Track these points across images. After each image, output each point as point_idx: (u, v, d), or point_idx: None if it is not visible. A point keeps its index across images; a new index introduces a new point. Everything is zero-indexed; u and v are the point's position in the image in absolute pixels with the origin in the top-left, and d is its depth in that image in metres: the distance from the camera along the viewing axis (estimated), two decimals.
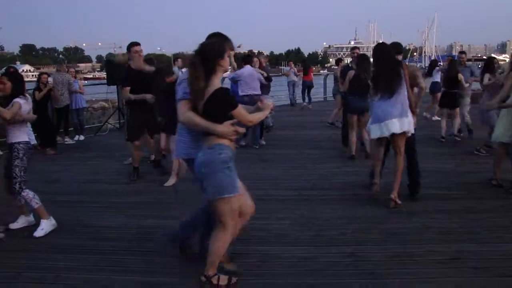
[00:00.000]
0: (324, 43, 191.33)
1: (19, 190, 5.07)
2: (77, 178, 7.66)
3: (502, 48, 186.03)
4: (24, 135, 5.15)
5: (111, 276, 4.05)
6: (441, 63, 15.98)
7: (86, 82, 16.74)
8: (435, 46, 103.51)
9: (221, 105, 3.45)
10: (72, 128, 12.00)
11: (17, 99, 5.03)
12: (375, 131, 5.85)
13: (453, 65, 10.41)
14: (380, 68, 5.86)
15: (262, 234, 4.91)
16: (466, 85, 10.34)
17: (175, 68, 14.08)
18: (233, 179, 3.51)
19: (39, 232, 5.06)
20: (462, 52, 12.39)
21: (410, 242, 4.63)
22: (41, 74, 10.91)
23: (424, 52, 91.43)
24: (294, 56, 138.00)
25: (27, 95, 5.30)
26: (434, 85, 13.95)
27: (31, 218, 5.36)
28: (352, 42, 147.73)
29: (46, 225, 5.15)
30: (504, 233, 4.84)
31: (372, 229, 5.04)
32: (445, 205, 5.79)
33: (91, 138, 12.15)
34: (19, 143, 5.09)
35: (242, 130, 3.54)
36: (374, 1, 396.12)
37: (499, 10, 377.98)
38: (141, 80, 6.90)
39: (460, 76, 10.09)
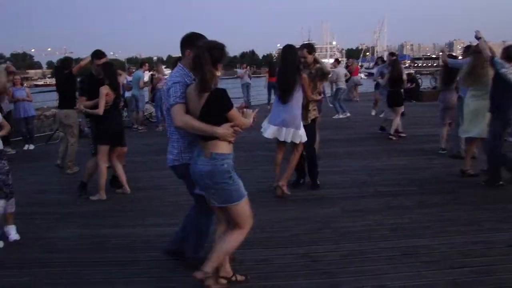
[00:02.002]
0: (278, 45, 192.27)
1: None
2: (28, 189, 7.44)
3: (450, 47, 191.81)
4: None
5: None
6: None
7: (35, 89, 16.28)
8: (387, 46, 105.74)
9: (220, 105, 3.42)
10: (20, 137, 11.64)
11: None
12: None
13: (396, 65, 10.67)
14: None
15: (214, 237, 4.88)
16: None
17: (139, 72, 13.93)
18: (238, 186, 3.55)
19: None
20: (392, 54, 12.85)
21: (362, 240, 4.72)
22: None
23: (376, 52, 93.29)
24: (248, 58, 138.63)
25: None
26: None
27: None
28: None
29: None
30: (452, 226, 5.01)
31: (324, 228, 5.11)
32: (396, 201, 5.94)
33: (42, 147, 11.81)
34: None
35: (240, 130, 3.52)
36: (326, 2, 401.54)
37: (447, 10, 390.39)
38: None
39: (404, 76, 10.45)
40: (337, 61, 19.36)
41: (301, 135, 6.09)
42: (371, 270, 4.05)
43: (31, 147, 11.54)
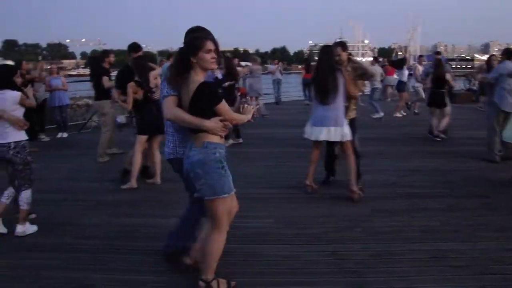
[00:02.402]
0: (310, 42, 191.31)
1: None
2: (60, 176, 7.60)
3: (485, 49, 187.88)
4: None
5: (92, 275, 4.02)
6: (426, 62, 16.23)
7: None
8: (420, 46, 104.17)
9: (207, 98, 3.39)
10: (55, 125, 11.90)
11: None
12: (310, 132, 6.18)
13: (440, 64, 10.41)
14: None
15: (244, 232, 4.91)
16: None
17: (167, 64, 14.08)
18: (228, 178, 3.46)
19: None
20: (438, 53, 12.65)
21: (391, 241, 4.67)
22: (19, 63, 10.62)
23: (409, 52, 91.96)
24: (280, 54, 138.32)
25: None
26: (400, 83, 14.49)
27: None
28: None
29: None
30: (484, 231, 4.91)
31: (354, 227, 5.07)
32: (426, 203, 5.84)
33: (75, 136, 12.05)
34: None
35: (230, 125, 3.49)
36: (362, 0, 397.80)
37: (483, 11, 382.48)
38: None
39: (448, 75, 10.18)
40: (375, 60, 18.84)
41: (347, 133, 5.97)
42: (399, 271, 4.00)
43: (65, 135, 11.78)
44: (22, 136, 4.99)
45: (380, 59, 20.11)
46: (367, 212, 5.56)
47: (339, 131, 5.92)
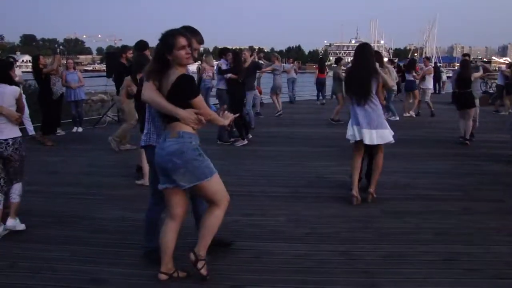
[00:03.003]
0: (325, 41, 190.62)
1: None
2: (74, 169, 7.67)
3: (503, 51, 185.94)
4: None
5: (105, 269, 4.05)
6: (441, 64, 16.10)
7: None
8: (436, 47, 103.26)
9: (184, 91, 3.48)
10: (70, 120, 12.02)
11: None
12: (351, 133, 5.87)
13: (467, 66, 10.15)
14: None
15: (256, 230, 4.94)
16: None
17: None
18: (208, 162, 3.57)
19: None
20: (465, 55, 12.49)
21: (403, 242, 4.65)
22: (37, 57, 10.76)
23: (425, 53, 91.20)
24: (294, 53, 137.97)
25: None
26: (409, 83, 14.43)
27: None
28: (353, 41, 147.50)
29: None
30: (498, 235, 4.86)
31: (366, 228, 5.05)
32: (440, 206, 5.80)
33: (90, 131, 12.15)
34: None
35: (203, 119, 3.54)
36: (377, 0, 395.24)
37: (501, 13, 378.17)
38: None
39: (475, 75, 9.98)
40: (390, 62, 18.73)
41: (389, 134, 5.77)
42: (410, 273, 3.98)
43: (80, 129, 11.88)
44: (18, 132, 4.97)
45: (395, 59, 20.01)
46: (379, 213, 5.54)
47: (382, 134, 5.70)
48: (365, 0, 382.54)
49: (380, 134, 5.69)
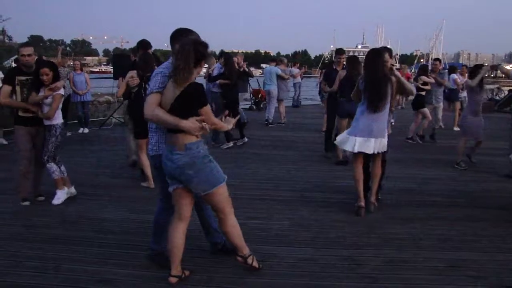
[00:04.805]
0: (332, 46, 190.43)
1: (45, 162, 5.82)
2: (80, 170, 7.70)
3: (510, 58, 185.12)
4: (60, 117, 5.91)
5: (111, 269, 4.09)
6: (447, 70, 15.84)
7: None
8: (443, 54, 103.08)
9: (194, 99, 3.48)
10: (76, 121, 12.07)
11: (59, 92, 5.74)
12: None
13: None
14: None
15: (262, 234, 4.96)
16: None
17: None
18: (218, 168, 3.64)
19: (55, 201, 5.87)
20: (436, 59, 12.69)
21: (408, 248, 4.65)
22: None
23: (431, 59, 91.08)
24: (300, 58, 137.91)
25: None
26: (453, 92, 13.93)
27: (72, 189, 6.16)
28: (360, 46, 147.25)
29: (61, 194, 5.94)
30: (503, 243, 4.86)
31: (371, 233, 5.07)
32: (445, 212, 5.81)
33: (95, 132, 12.21)
34: (57, 124, 5.82)
35: (207, 128, 3.55)
36: (384, 6, 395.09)
37: (508, 20, 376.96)
38: None
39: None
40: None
41: (385, 144, 5.69)
42: (415, 278, 3.99)
43: (86, 130, 11.95)
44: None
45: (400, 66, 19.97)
46: (384, 218, 5.55)
47: (380, 143, 5.59)
48: (372, 6, 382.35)
49: (379, 143, 5.60)
